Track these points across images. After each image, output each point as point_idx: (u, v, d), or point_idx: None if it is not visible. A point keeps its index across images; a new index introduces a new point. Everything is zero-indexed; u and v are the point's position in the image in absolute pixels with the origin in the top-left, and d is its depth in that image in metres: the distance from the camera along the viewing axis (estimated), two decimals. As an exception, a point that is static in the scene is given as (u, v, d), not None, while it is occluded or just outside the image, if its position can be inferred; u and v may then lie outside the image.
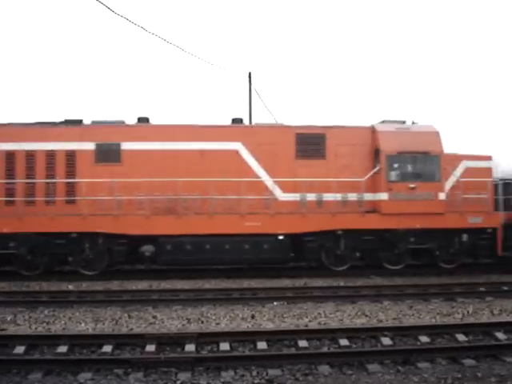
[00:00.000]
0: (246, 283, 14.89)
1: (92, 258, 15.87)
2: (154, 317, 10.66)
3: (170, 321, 10.34)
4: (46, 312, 11.25)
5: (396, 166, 16.74)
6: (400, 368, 7.58)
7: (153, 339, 8.46)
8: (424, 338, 8.80)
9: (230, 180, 15.94)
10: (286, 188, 16.53)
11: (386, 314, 10.94)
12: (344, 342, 8.59)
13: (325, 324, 10.07)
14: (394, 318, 10.54)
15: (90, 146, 16.22)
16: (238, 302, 12.11)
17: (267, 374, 7.30)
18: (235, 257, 16.04)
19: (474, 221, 16.93)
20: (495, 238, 16.79)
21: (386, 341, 8.67)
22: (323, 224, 16.24)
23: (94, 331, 9.57)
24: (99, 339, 8.62)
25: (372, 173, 16.59)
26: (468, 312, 11.10)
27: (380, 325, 9.85)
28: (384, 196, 16.43)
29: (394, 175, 16.68)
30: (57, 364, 7.55)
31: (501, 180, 18.32)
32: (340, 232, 16.41)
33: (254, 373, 7.39)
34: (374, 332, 9.04)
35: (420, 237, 16.66)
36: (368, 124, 17.45)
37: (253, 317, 10.64)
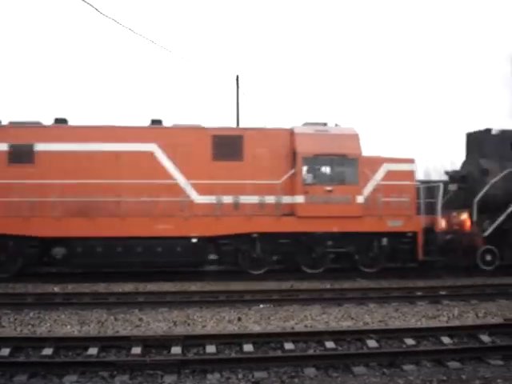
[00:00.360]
0: (232, 286, 14.89)
1: (3, 260, 15.74)
2: (140, 319, 10.63)
3: (156, 323, 10.31)
4: (31, 314, 11.18)
5: (312, 168, 16.70)
6: (385, 370, 7.60)
7: (139, 341, 8.43)
8: (409, 341, 8.82)
9: (143, 182, 15.86)
10: (202, 190, 16.37)
11: (372, 316, 10.97)
12: (330, 344, 8.60)
13: (311, 327, 10.09)
14: (380, 321, 10.58)
15: (3, 146, 16.09)
16: (225, 305, 12.10)
17: (253, 377, 7.30)
18: (147, 260, 15.95)
19: (394, 224, 16.85)
20: (416, 242, 16.76)
21: (372, 343, 8.69)
22: (238, 227, 16.15)
23: (79, 333, 9.55)
24: (85, 341, 8.57)
25: (288, 175, 16.43)
26: (453, 315, 11.15)
27: (366, 327, 9.88)
28: (300, 199, 16.34)
29: (310, 178, 16.67)
30: (42, 366, 7.50)
31: (423, 183, 18.42)
32: (255, 235, 16.30)
33: (240, 375, 7.38)
34: (360, 334, 9.05)
35: (338, 240, 16.61)
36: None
37: (239, 319, 10.63)
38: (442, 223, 17.32)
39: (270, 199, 16.45)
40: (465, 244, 17.53)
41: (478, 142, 18.95)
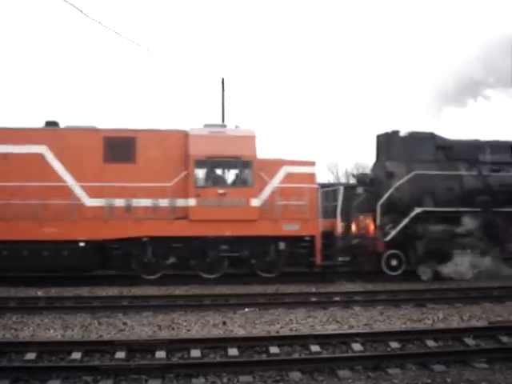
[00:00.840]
0: (217, 289, 14.85)
1: None
2: (125, 323, 10.55)
3: (141, 327, 10.24)
4: (14, 318, 11.08)
5: (205, 170, 16.50)
6: (370, 374, 7.58)
7: (123, 346, 8.35)
8: (394, 344, 8.82)
9: (32, 185, 15.49)
10: (93, 193, 15.99)
11: (357, 319, 10.98)
12: (315, 348, 8.58)
13: (296, 330, 10.06)
14: (365, 324, 10.58)
15: None
16: (210, 309, 12.06)
17: (238, 381, 7.26)
18: (34, 264, 15.61)
19: (290, 228, 16.45)
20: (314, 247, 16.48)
21: (357, 347, 8.67)
22: (128, 231, 15.86)
23: (63, 338, 9.45)
24: (68, 346, 8.49)
25: (180, 178, 16.10)
26: (438, 318, 11.18)
27: (351, 331, 9.86)
28: (192, 202, 16.05)
29: (202, 180, 16.45)
30: (25, 371, 7.40)
31: (322, 187, 18.21)
32: (146, 239, 16.02)
33: (225, 379, 7.33)
34: (345, 338, 9.04)
35: (233, 244, 16.31)
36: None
37: (224, 323, 10.59)
38: (341, 227, 17.07)
39: (164, 202, 16.12)
40: (369, 249, 17.29)
41: (385, 143, 18.58)
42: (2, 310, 11.80)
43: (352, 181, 19.12)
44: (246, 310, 12.01)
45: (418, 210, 17.23)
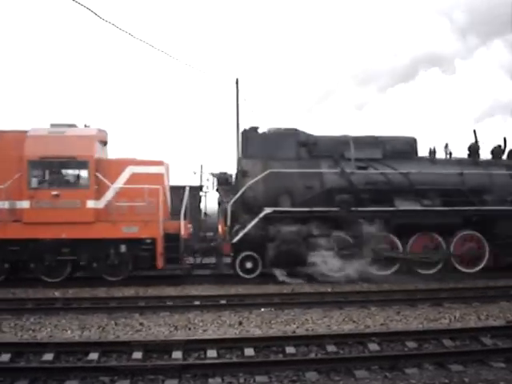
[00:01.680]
0: (233, 290, 14.85)
1: None
2: (141, 324, 10.61)
3: (157, 328, 10.29)
4: (31, 319, 11.17)
5: (39, 172, 15.88)
6: (387, 374, 7.58)
7: (139, 346, 8.42)
8: (411, 344, 8.81)
9: None
10: None
11: (374, 319, 10.95)
12: (331, 348, 8.59)
13: (312, 330, 10.06)
14: (382, 324, 10.56)
15: None
16: (226, 309, 12.06)
17: (254, 381, 7.28)
18: None
19: (129, 231, 15.74)
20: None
21: (374, 346, 8.66)
22: None
23: (80, 338, 9.52)
24: (85, 347, 8.56)
25: (14, 179, 15.48)
26: (455, 317, 11.12)
27: (367, 330, 9.86)
28: (26, 204, 15.46)
29: (35, 182, 15.82)
30: (43, 372, 7.48)
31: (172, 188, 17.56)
32: None
33: (242, 380, 7.36)
34: (362, 338, 9.04)
35: (71, 248, 15.75)
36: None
37: (240, 323, 10.61)
38: (185, 229, 16.27)
39: (4, 204, 15.53)
40: (220, 251, 16.76)
41: (243, 141, 17.71)
42: (20, 311, 11.90)
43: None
44: (262, 310, 12.01)
45: (267, 211, 16.31)
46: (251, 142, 17.44)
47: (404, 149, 18.06)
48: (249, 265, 16.59)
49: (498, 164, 18.53)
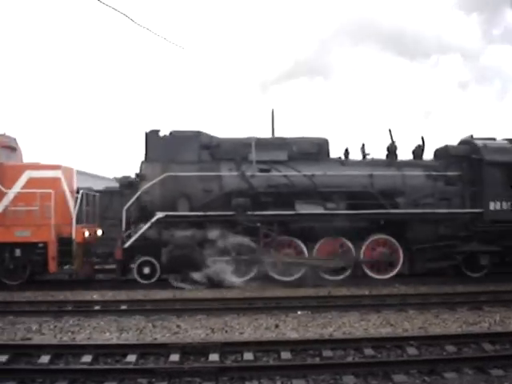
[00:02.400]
0: (269, 292, 14.84)
1: None
2: (178, 326, 10.66)
3: (194, 330, 10.33)
4: (71, 321, 11.30)
5: None
6: (426, 378, 7.49)
7: (177, 348, 8.45)
8: (450, 348, 8.69)
9: None
10: None
11: (412, 323, 10.83)
12: (369, 351, 8.52)
13: (349, 333, 10.00)
14: (420, 327, 10.42)
15: None
16: (262, 312, 12.05)
17: (291, 384, 7.27)
18: None
19: (22, 235, 15.72)
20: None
21: (412, 350, 8.57)
22: None
23: (118, 340, 9.60)
24: (123, 348, 8.64)
25: None
26: (495, 321, 10.94)
27: (405, 334, 9.75)
28: None
29: None
30: (81, 373, 7.56)
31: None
32: None
33: (278, 383, 7.35)
34: (400, 341, 8.95)
35: None
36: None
37: (276, 326, 10.58)
38: (79, 233, 16.13)
39: None
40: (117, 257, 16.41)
41: (145, 144, 17.15)
42: (60, 313, 12.06)
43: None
44: (299, 312, 11.98)
45: (159, 215, 16.07)
46: (152, 145, 17.07)
47: (312, 150, 17.48)
48: (146, 270, 16.34)
49: (414, 165, 17.84)
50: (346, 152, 17.99)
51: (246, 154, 16.91)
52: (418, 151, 18.20)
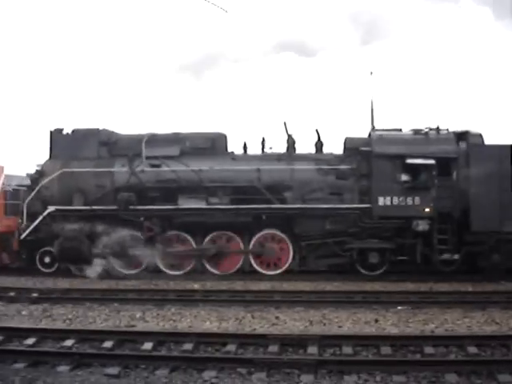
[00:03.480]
0: (368, 286, 14.66)
1: None
2: (277, 317, 10.73)
3: (293, 322, 10.37)
4: (172, 310, 11.60)
5: None
6: (533, 378, 7.18)
7: (276, 340, 8.50)
8: (561, 348, 8.30)
9: None
10: None
11: (518, 321, 10.42)
12: (472, 349, 8.25)
13: (452, 330, 9.73)
14: (527, 326, 10.02)
15: None
16: (361, 305, 11.93)
17: (392, 381, 7.13)
18: None
19: None
20: None
21: (519, 350, 8.25)
22: None
23: (218, 330, 9.77)
24: (223, 338, 8.78)
25: None
26: None
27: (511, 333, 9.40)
28: None
29: None
30: (183, 361, 7.74)
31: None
32: None
33: (378, 378, 7.23)
34: (505, 340, 8.63)
35: None
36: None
37: (376, 321, 10.44)
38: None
39: None
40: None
41: (50, 142, 17.89)
42: (162, 301, 12.40)
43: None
44: (399, 308, 11.76)
45: (50, 209, 16.87)
46: (56, 143, 17.85)
47: (205, 145, 17.46)
48: (47, 259, 17.27)
49: (307, 158, 17.13)
50: (245, 146, 17.82)
51: (140, 150, 17.15)
52: (319, 144, 17.62)
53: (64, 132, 18.00)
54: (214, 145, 17.64)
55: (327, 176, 16.69)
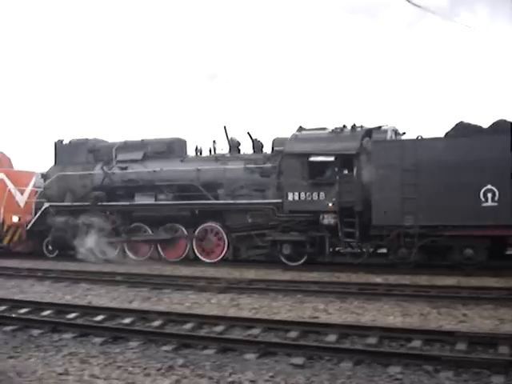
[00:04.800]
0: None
1: None
2: (464, 315, 10.36)
3: (481, 320, 9.95)
4: (355, 303, 11.61)
5: None
6: None
7: (464, 338, 8.21)
8: None
9: None
10: None
11: None
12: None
13: None
14: None
15: None
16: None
17: None
18: None
19: None
20: None
21: None
22: None
23: (402, 325, 9.61)
24: (408, 333, 8.63)
25: None
26: None
27: None
28: None
29: None
30: (367, 355, 7.70)
31: None
32: None
33: None
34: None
35: None
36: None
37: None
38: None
39: None
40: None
41: (54, 150, 22.36)
42: (344, 294, 12.47)
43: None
44: None
45: (46, 205, 21.36)
46: (58, 151, 22.29)
47: (163, 149, 20.54)
48: (50, 247, 21.70)
49: (238, 159, 19.26)
50: (196, 149, 20.44)
51: (116, 155, 21.00)
52: (257, 145, 19.47)
53: (64, 142, 22.23)
54: (170, 149, 20.69)
55: (253, 174, 18.71)
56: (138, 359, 7.84)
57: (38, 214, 21.45)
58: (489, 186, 14.89)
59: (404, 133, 17.85)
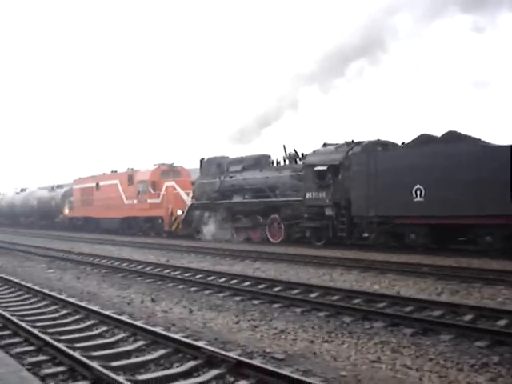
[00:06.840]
0: None
1: None
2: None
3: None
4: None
5: None
6: None
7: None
8: None
9: None
10: None
11: None
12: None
13: None
14: None
15: None
16: None
17: None
18: None
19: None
20: None
21: None
22: None
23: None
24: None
25: None
26: None
27: None
28: None
29: None
30: None
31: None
32: None
33: None
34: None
35: None
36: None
37: None
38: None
39: None
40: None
41: (199, 165, 32.49)
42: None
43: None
44: None
45: (190, 203, 31.42)
46: (202, 165, 31.64)
47: (254, 163, 28.78)
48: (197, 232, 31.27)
49: (288, 168, 26.63)
50: (272, 162, 29.01)
51: (228, 167, 30.36)
52: (293, 156, 27.02)
53: (204, 159, 31.93)
54: (258, 162, 28.87)
55: (293, 180, 25.71)
56: (450, 353, 7.62)
57: (186, 209, 31.47)
58: (418, 186, 19.75)
59: (392, 142, 23.44)
